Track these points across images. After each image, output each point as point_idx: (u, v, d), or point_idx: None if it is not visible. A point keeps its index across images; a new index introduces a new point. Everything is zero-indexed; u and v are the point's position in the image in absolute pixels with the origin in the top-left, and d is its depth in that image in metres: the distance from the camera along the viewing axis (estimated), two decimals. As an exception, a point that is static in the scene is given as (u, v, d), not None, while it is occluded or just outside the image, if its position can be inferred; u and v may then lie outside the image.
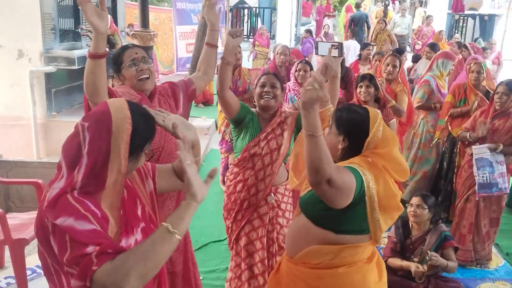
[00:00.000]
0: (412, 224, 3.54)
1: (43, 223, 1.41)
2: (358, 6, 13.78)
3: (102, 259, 1.32)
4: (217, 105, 5.98)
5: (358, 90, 4.05)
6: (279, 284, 2.22)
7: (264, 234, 3.07)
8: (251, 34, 15.36)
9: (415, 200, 3.52)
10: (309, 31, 12.37)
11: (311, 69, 4.58)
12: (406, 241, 3.50)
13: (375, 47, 7.65)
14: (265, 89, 3.02)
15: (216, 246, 4.28)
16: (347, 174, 1.90)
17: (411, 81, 6.71)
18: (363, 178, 1.94)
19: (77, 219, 1.36)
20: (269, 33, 14.55)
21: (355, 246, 2.03)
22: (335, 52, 2.59)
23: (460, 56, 7.00)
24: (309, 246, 2.05)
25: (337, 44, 2.63)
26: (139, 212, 1.63)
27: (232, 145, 4.05)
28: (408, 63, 8.44)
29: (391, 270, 3.39)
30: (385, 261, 3.44)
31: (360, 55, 6.49)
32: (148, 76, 2.57)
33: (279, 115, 3.08)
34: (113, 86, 3.02)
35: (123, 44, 7.78)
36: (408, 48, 12.32)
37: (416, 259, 3.39)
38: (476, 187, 3.97)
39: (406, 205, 3.48)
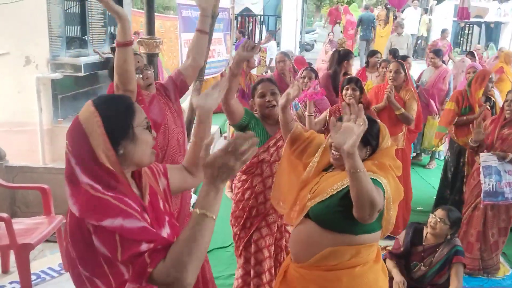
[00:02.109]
0: (427, 234, 3.48)
1: (82, 227, 1.41)
2: (367, 7, 14.53)
3: (155, 259, 1.35)
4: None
5: (344, 92, 4.05)
6: None
7: (272, 242, 3.06)
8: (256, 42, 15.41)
9: (439, 213, 3.41)
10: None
11: (316, 76, 4.59)
12: (417, 248, 3.45)
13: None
14: (266, 98, 3.03)
15: (220, 252, 4.27)
16: (379, 194, 1.96)
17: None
18: (384, 187, 2.02)
19: (125, 218, 1.39)
20: (274, 40, 14.63)
21: (370, 245, 2.11)
22: None
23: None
24: (323, 249, 2.08)
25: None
26: (161, 206, 1.67)
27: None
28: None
29: None
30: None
31: (367, 62, 6.42)
32: (151, 82, 2.72)
33: None
34: None
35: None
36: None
37: (424, 268, 3.37)
38: (482, 194, 3.93)
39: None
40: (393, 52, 8.80)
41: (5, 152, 4.61)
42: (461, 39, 17.24)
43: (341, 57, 5.43)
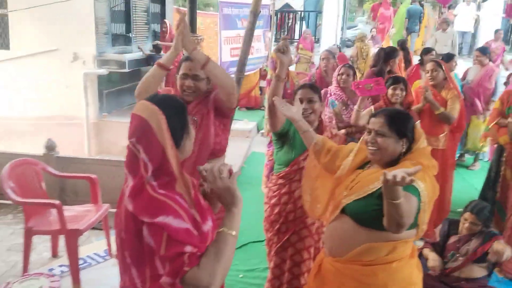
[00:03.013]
0: (461, 227, 3.48)
1: (135, 218, 1.54)
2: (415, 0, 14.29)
3: (192, 262, 1.50)
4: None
5: (390, 91, 4.04)
6: (323, 284, 2.30)
7: (312, 244, 3.09)
8: (296, 38, 15.39)
9: (469, 217, 3.40)
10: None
11: (354, 73, 4.58)
12: (452, 238, 3.47)
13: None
14: (303, 105, 3.00)
15: (256, 246, 4.36)
16: (412, 203, 2.01)
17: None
18: (421, 192, 2.05)
19: (175, 217, 1.53)
20: (313, 37, 14.59)
21: (405, 241, 2.14)
22: None
23: None
24: (359, 245, 2.14)
25: None
26: (202, 201, 1.78)
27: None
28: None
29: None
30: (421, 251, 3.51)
31: (421, 60, 6.18)
32: (190, 92, 2.74)
33: (326, 130, 3.10)
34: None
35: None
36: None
37: (461, 258, 3.38)
38: None
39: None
40: (401, 43, 8.71)
41: (55, 143, 4.87)
42: (511, 36, 16.53)
43: (387, 55, 5.38)
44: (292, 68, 9.97)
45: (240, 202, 1.63)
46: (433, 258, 3.40)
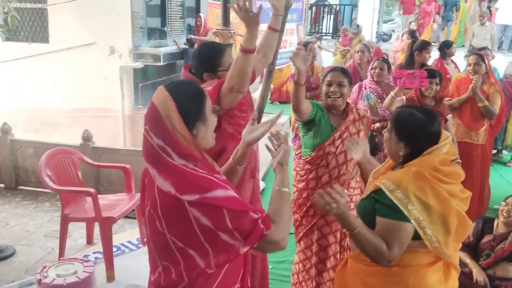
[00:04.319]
0: (498, 222, 3.40)
1: (178, 204, 1.54)
2: None
3: (267, 223, 1.58)
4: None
5: None
6: (344, 278, 2.27)
7: (338, 228, 3.10)
8: (332, 32, 15.18)
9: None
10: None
11: (389, 67, 4.52)
12: (487, 237, 3.38)
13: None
14: (332, 88, 3.02)
15: (286, 237, 4.38)
16: (400, 233, 1.95)
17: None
18: (404, 210, 1.92)
19: (224, 189, 1.57)
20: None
21: (412, 251, 2.00)
22: None
23: None
24: None
25: None
26: None
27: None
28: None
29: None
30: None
31: (444, 53, 6.04)
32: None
33: (352, 112, 3.07)
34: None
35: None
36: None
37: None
38: None
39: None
40: (411, 33, 8.70)
41: (91, 134, 5.00)
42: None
43: (414, 48, 5.32)
44: (330, 62, 9.87)
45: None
46: (478, 272, 3.26)
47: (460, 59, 6.07)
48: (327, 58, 11.62)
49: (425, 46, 5.16)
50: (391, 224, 1.95)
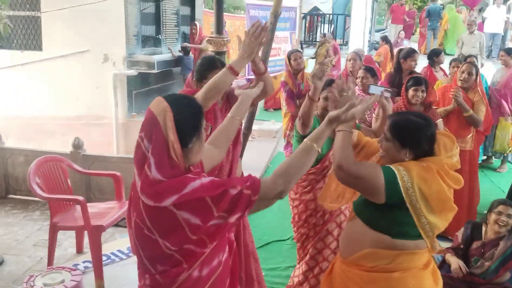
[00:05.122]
0: (486, 228, 3.38)
1: (163, 210, 1.55)
2: (434, 0, 15.15)
3: (254, 188, 1.58)
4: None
5: (411, 92, 3.95)
6: (331, 286, 2.26)
7: (339, 232, 3.12)
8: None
9: (505, 209, 3.28)
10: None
11: (372, 75, 4.54)
12: (477, 243, 3.37)
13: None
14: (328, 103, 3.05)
15: (279, 245, 4.36)
16: (368, 167, 2.06)
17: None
18: (399, 181, 1.97)
19: (199, 179, 1.57)
20: (341, 39, 14.55)
21: (412, 253, 2.05)
22: (387, 94, 2.78)
23: None
24: (364, 249, 2.08)
25: (390, 90, 2.83)
26: None
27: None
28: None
29: (447, 270, 3.37)
30: (444, 256, 3.44)
31: (433, 61, 6.14)
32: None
33: None
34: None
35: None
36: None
37: (487, 263, 3.29)
38: None
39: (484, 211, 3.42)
40: (384, 38, 9.30)
41: (82, 142, 4.97)
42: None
43: (400, 55, 5.34)
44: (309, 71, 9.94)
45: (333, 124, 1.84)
46: (455, 261, 3.30)
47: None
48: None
49: (410, 54, 5.18)
50: (374, 165, 2.10)
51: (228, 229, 1.64)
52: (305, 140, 1.72)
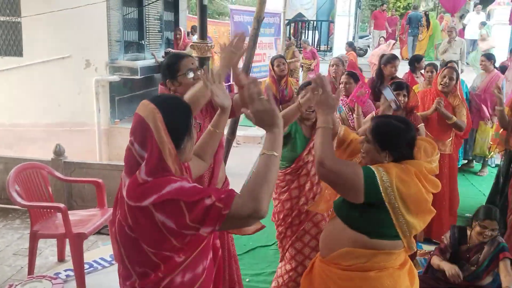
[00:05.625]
0: (470, 233, 3.41)
1: (144, 211, 1.53)
2: (416, 7, 15.69)
3: (227, 202, 1.51)
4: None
5: None
6: (311, 284, 2.28)
7: (317, 232, 3.13)
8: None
9: (490, 224, 3.30)
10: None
11: (355, 80, 4.58)
12: (462, 248, 3.39)
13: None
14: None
15: (264, 250, 4.35)
16: (349, 166, 2.08)
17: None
18: (378, 180, 2.00)
19: (179, 182, 1.54)
20: (325, 45, 14.67)
21: (388, 253, 2.08)
22: (393, 105, 2.77)
23: None
24: (342, 248, 2.11)
25: (398, 104, 3.03)
26: None
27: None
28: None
29: (432, 274, 3.39)
30: (430, 259, 3.46)
31: (415, 67, 6.22)
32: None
33: None
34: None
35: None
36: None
37: (473, 268, 3.31)
38: None
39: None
40: (350, 44, 9.53)
41: (64, 148, 4.89)
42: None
43: (381, 62, 5.39)
44: (301, 76, 10.03)
45: (281, 121, 1.64)
46: (449, 267, 3.29)
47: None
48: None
49: (390, 60, 5.24)
50: (355, 164, 2.12)
51: (201, 241, 1.61)
52: (261, 151, 1.62)
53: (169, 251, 1.58)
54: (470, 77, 8.17)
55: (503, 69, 7.52)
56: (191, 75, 2.62)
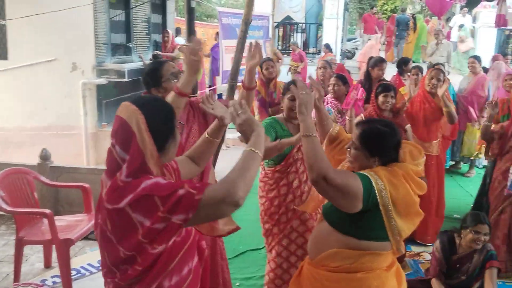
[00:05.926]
0: (459, 242, 3.41)
1: (123, 213, 1.52)
2: (403, 10, 15.91)
3: (200, 188, 1.50)
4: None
5: (381, 99, 4.02)
6: (300, 287, 2.27)
7: (313, 225, 3.12)
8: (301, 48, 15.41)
9: (482, 228, 3.29)
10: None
11: (344, 83, 4.59)
12: (452, 258, 3.39)
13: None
14: (294, 103, 3.07)
15: (254, 254, 4.33)
16: (350, 177, 2.01)
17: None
18: (374, 185, 1.99)
19: (154, 179, 1.53)
20: (314, 48, 14.70)
21: (376, 254, 2.08)
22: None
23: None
24: (329, 249, 2.11)
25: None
26: None
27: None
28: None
29: None
30: (429, 280, 3.41)
31: (402, 70, 6.26)
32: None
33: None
34: None
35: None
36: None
37: (463, 277, 3.32)
38: (508, 183, 3.93)
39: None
40: (327, 46, 10.11)
41: (50, 153, 4.82)
42: (506, 47, 16.51)
43: (369, 64, 5.41)
44: (288, 78, 10.04)
45: (260, 125, 1.73)
46: None
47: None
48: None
49: (377, 63, 5.28)
50: (351, 174, 2.07)
51: (174, 232, 1.57)
52: (245, 149, 1.66)
53: (140, 243, 1.56)
54: (456, 79, 8.23)
55: (487, 70, 7.61)
56: (174, 80, 2.62)
